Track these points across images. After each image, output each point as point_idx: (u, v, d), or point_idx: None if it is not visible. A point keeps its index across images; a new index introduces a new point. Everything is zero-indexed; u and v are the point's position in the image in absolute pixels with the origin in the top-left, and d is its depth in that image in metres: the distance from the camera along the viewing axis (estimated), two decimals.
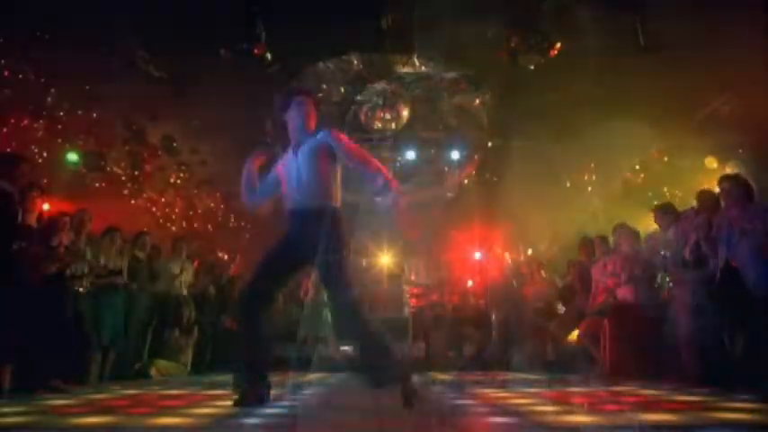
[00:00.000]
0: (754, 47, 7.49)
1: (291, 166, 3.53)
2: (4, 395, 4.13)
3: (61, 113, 9.39)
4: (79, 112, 9.72)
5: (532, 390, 4.34)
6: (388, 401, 3.66)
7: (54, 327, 4.63)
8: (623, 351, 5.39)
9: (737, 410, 2.89)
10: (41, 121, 9.19)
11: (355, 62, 10.28)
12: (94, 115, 9.99)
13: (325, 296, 8.61)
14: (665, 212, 5.55)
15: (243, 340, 3.31)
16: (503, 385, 5.03)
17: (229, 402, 3.48)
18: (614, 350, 5.51)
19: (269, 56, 8.38)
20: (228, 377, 6.10)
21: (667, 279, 5.94)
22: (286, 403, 3.49)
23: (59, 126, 9.49)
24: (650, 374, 5.08)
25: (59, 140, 9.75)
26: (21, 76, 8.32)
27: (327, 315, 8.63)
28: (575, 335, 6.84)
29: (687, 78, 8.28)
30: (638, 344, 5.32)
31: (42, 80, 8.67)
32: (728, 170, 9.00)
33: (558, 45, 8.29)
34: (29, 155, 7.84)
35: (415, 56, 10.13)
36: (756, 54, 7.62)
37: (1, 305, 4.02)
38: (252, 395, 3.15)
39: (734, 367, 4.29)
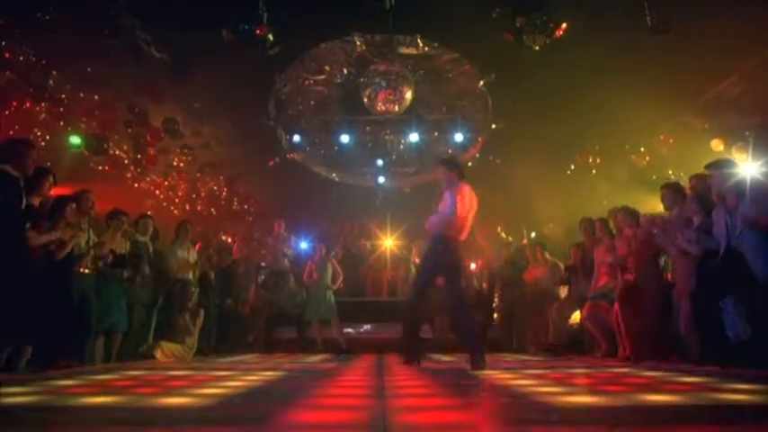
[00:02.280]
0: (763, 28, 7.37)
1: None
2: (18, 373, 4.18)
3: (63, 96, 9.36)
4: (81, 95, 9.68)
5: (534, 371, 4.37)
6: (391, 382, 3.69)
7: (60, 308, 4.67)
8: (636, 335, 5.39)
9: (739, 392, 2.90)
10: (43, 104, 9.15)
11: (358, 43, 10.18)
12: (96, 97, 9.95)
13: (328, 279, 8.70)
14: (674, 191, 5.46)
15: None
16: (505, 367, 5.06)
17: (234, 383, 3.52)
18: (626, 334, 5.51)
19: (271, 37, 8.29)
20: (232, 358, 6.16)
21: (670, 263, 5.93)
22: (289, 384, 3.52)
23: (61, 109, 9.46)
24: (655, 356, 5.10)
25: (61, 123, 9.72)
26: (21, 58, 8.27)
27: (331, 297, 8.67)
28: (577, 317, 6.87)
29: (694, 60, 8.17)
30: (643, 326, 5.33)
31: (43, 62, 8.62)
32: (734, 152, 8.94)
33: (564, 25, 8.18)
34: (32, 138, 7.82)
35: (419, 36, 10.03)
36: (765, 36, 7.50)
37: (9, 286, 4.05)
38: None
39: (735, 350, 4.30)
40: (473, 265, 12.15)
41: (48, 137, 9.63)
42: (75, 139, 9.93)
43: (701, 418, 2.15)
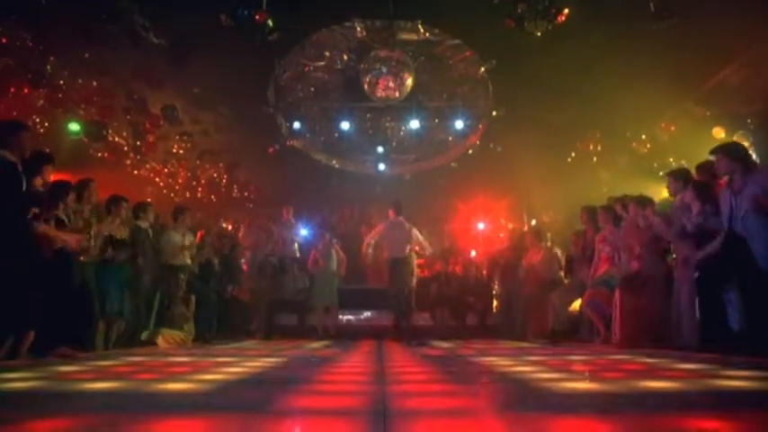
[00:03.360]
0: (764, 16, 7.30)
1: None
2: (20, 360, 4.21)
3: (61, 82, 9.28)
4: (79, 81, 9.61)
5: (534, 358, 4.39)
6: (391, 368, 3.71)
7: (61, 295, 4.68)
8: (629, 320, 5.41)
9: (737, 378, 2.91)
10: (42, 90, 9.09)
11: (359, 29, 10.08)
12: (95, 84, 9.87)
13: (334, 266, 8.79)
14: (677, 178, 5.44)
15: None
16: (504, 353, 5.08)
17: (234, 369, 3.54)
18: (620, 319, 5.54)
19: (270, 22, 8.21)
20: (233, 345, 6.18)
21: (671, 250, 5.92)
22: (290, 370, 3.54)
23: (60, 95, 9.39)
24: (654, 343, 5.12)
25: (60, 110, 9.66)
26: (19, 43, 8.20)
27: (335, 283, 8.72)
28: (577, 304, 6.88)
29: (696, 48, 8.10)
30: (644, 313, 5.35)
31: (41, 48, 8.54)
32: (735, 140, 8.89)
33: (566, 11, 8.10)
34: (30, 124, 7.77)
35: (420, 22, 9.93)
36: (766, 23, 7.42)
37: (10, 274, 4.06)
38: None
39: (735, 337, 4.31)
40: (473, 253, 12.18)
41: (46, 123, 9.58)
42: (74, 126, 9.88)
43: (700, 405, 2.16)
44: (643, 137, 11.49)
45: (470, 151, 12.97)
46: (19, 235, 4.18)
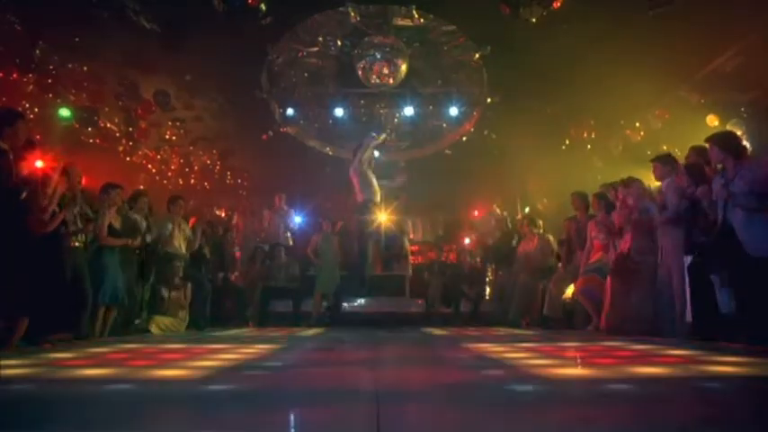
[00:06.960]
0: (760, 4, 7.27)
1: None
2: (12, 347, 4.19)
3: (51, 67, 9.14)
4: (69, 66, 9.47)
5: (526, 344, 4.42)
6: (385, 354, 3.73)
7: (54, 282, 4.66)
8: (618, 307, 5.45)
9: (727, 364, 2.95)
10: (31, 75, 8.95)
11: (353, 14, 9.97)
12: (85, 69, 9.73)
13: (336, 253, 8.80)
14: (664, 163, 5.46)
15: None
16: (497, 340, 5.12)
17: (229, 355, 3.55)
18: (609, 306, 5.57)
19: (263, 7, 8.11)
20: (227, 332, 6.17)
21: (659, 233, 5.94)
22: (284, 356, 3.55)
23: (49, 80, 9.25)
24: (645, 329, 5.16)
25: (50, 95, 9.52)
26: (6, 27, 8.06)
27: (337, 271, 8.74)
28: (570, 291, 6.92)
29: (691, 35, 8.07)
30: (633, 301, 5.38)
31: (29, 31, 8.39)
32: (729, 128, 8.91)
33: None
34: (21, 111, 7.66)
35: (414, 8, 9.83)
36: (761, 11, 7.40)
37: (1, 261, 4.02)
38: None
39: (725, 323, 4.35)
40: (467, 241, 12.21)
41: (36, 109, 9.44)
42: (64, 112, 9.74)
43: (689, 390, 2.18)
44: (637, 124, 11.48)
45: (465, 138, 12.93)
46: (8, 224, 4.13)
